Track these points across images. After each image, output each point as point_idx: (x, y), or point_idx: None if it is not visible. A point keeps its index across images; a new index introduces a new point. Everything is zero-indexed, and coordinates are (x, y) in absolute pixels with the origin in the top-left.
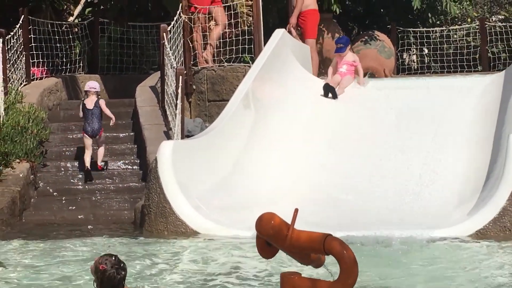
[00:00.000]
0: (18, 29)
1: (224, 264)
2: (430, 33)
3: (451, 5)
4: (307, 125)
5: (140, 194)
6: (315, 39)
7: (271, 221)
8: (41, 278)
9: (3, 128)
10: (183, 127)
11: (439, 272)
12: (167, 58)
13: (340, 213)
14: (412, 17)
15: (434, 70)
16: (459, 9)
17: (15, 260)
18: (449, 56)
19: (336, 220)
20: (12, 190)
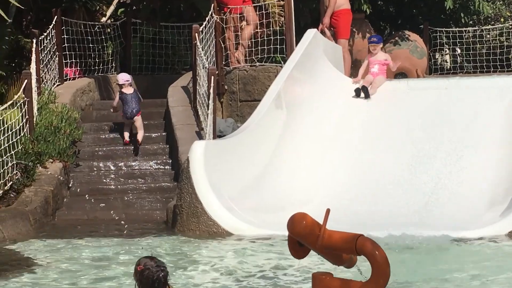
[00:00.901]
0: (51, 29)
1: (256, 264)
2: (462, 33)
3: (484, 5)
4: (338, 125)
5: (172, 194)
6: (347, 39)
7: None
8: (74, 277)
9: (36, 128)
10: (215, 127)
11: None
12: (199, 59)
13: (371, 213)
14: (445, 17)
15: (467, 70)
16: (492, 8)
17: (48, 259)
18: (482, 56)
19: (367, 220)
20: (45, 189)
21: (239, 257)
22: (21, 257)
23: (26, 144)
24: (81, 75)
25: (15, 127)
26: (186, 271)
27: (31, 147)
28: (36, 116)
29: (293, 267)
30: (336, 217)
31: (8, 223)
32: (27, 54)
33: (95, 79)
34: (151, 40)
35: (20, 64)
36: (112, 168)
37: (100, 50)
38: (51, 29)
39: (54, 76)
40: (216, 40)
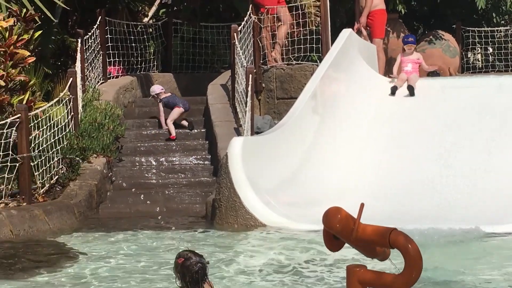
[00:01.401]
0: (96, 29)
1: (291, 257)
2: (494, 33)
3: None
4: (373, 122)
5: (211, 188)
6: (382, 39)
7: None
8: (116, 269)
9: (81, 124)
10: (253, 124)
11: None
12: (238, 57)
13: (404, 208)
14: (477, 17)
15: (498, 69)
16: None
17: (91, 251)
18: None
19: (401, 215)
20: (89, 183)
21: (276, 250)
22: (66, 249)
23: (71, 139)
24: (124, 74)
25: (61, 123)
26: (224, 263)
27: (76, 143)
28: (81, 113)
29: (328, 259)
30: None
31: (54, 216)
32: (72, 53)
33: (137, 77)
34: (191, 39)
35: (65, 63)
36: (154, 163)
37: (142, 49)
38: (95, 29)
39: (98, 74)
40: (254, 40)
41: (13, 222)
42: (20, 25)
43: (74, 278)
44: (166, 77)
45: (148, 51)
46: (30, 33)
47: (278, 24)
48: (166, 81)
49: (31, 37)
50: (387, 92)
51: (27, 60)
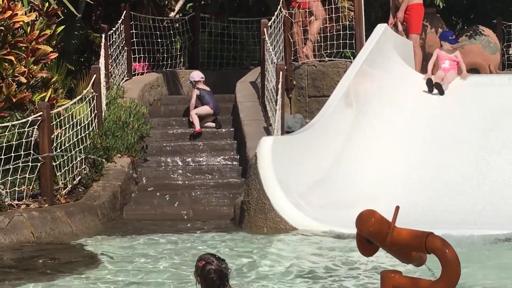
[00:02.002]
0: (120, 24)
1: (323, 262)
2: None
3: None
4: (408, 121)
5: (239, 190)
6: (419, 34)
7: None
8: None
9: (105, 123)
10: (283, 122)
11: None
12: (268, 54)
13: (440, 211)
14: None
15: None
16: None
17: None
18: None
19: (437, 218)
20: (113, 184)
21: (306, 254)
22: (88, 252)
23: (94, 138)
24: (150, 70)
25: (84, 121)
26: (252, 268)
27: (99, 142)
28: (104, 111)
29: (361, 264)
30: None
31: (77, 218)
32: (96, 49)
33: (163, 74)
34: (219, 35)
35: (89, 59)
36: (180, 164)
37: (169, 45)
38: (120, 24)
39: (123, 71)
40: (284, 35)
41: (34, 224)
42: (42, 20)
43: (96, 282)
44: None
45: (175, 47)
46: (52, 28)
47: (310, 19)
48: None
49: (53, 32)
50: (423, 90)
51: (49, 56)
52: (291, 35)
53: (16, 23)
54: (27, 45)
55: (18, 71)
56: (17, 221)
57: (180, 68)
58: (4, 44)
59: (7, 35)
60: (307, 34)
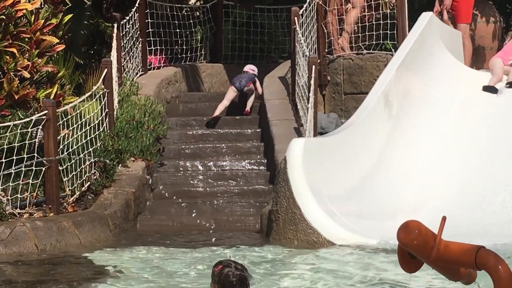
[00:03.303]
0: (134, 13)
1: (361, 279)
2: None
3: None
4: (456, 122)
5: (267, 198)
6: (469, 24)
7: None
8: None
9: (117, 122)
10: (316, 123)
11: None
12: (299, 46)
13: (494, 223)
14: None
15: None
16: None
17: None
18: None
19: (490, 230)
20: (126, 191)
21: (342, 271)
22: (98, 267)
23: (105, 140)
24: (167, 64)
25: (93, 121)
26: (281, 285)
27: (111, 144)
28: (116, 110)
29: (404, 281)
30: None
31: (85, 228)
32: (107, 40)
33: (182, 68)
34: (245, 24)
35: (99, 51)
36: (200, 168)
37: (188, 36)
38: (133, 13)
39: (137, 64)
40: (318, 25)
41: (39, 235)
42: (48, 8)
43: None
44: (215, 68)
45: (195, 38)
46: (59, 17)
47: (347, 7)
48: (215, 73)
49: (60, 22)
50: (474, 87)
51: (55, 48)
52: (325, 25)
53: (19, 11)
54: (31, 36)
55: (20, 65)
56: (19, 231)
57: (200, 62)
58: (6, 35)
59: (8, 24)
60: (343, 24)
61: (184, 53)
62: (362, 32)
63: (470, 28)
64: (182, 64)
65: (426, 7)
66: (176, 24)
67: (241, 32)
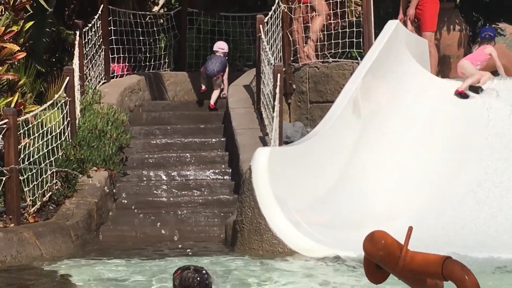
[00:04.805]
0: (97, 20)
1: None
2: None
3: None
4: (424, 130)
5: (231, 208)
6: (434, 32)
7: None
8: None
9: (79, 131)
10: (281, 132)
11: None
12: (264, 54)
13: (459, 232)
14: None
15: None
16: None
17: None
18: None
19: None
20: (89, 201)
21: (308, 282)
22: (60, 278)
23: (67, 149)
24: (130, 72)
25: (55, 130)
26: None
27: (73, 153)
28: (78, 118)
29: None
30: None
31: (47, 239)
32: (69, 48)
33: (146, 76)
34: (209, 32)
35: (61, 59)
36: (164, 178)
37: (152, 44)
38: (96, 20)
39: (100, 73)
40: (283, 33)
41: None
42: (9, 15)
43: None
44: (179, 76)
45: (159, 45)
46: (20, 24)
47: (312, 14)
48: (179, 81)
49: (21, 29)
50: (441, 95)
51: (16, 56)
52: (290, 33)
53: None
54: None
55: None
56: None
57: (164, 70)
58: None
59: None
60: (309, 32)
61: (147, 61)
62: (328, 40)
63: (436, 37)
64: (145, 72)
65: (392, 15)
66: (140, 31)
67: (206, 40)
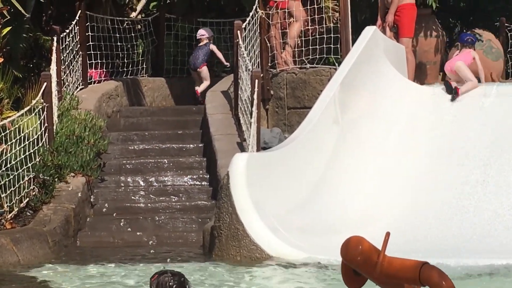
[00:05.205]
0: (74, 26)
1: None
2: None
3: None
4: (402, 136)
5: (209, 213)
6: (411, 38)
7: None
8: None
9: (56, 137)
10: (259, 137)
11: None
12: (242, 60)
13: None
14: None
15: None
16: None
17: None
18: None
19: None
20: (66, 207)
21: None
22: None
23: (44, 155)
24: (108, 78)
25: (32, 136)
26: None
27: (50, 159)
28: (56, 124)
29: None
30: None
31: (24, 245)
32: (46, 53)
33: (124, 82)
34: (187, 38)
35: (39, 65)
36: (142, 184)
37: (129, 50)
38: (74, 26)
39: (77, 78)
40: (261, 39)
41: None
42: None
43: None
44: (157, 82)
45: (136, 51)
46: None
47: (290, 20)
48: (157, 87)
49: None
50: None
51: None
52: (268, 39)
53: None
54: None
55: None
56: None
57: (142, 76)
58: None
59: None
60: (286, 38)
61: (125, 67)
62: (305, 46)
63: (413, 43)
64: (123, 78)
65: (370, 21)
66: (117, 37)
67: (183, 46)
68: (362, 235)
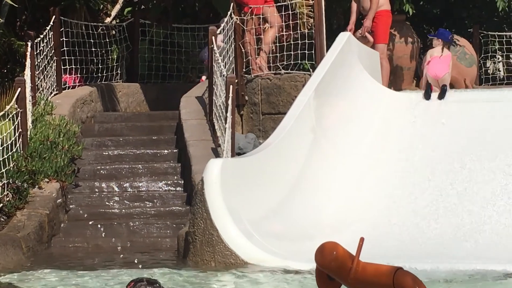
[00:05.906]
0: (49, 31)
1: None
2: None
3: None
4: (376, 142)
5: (184, 219)
6: (386, 44)
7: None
8: None
9: (30, 143)
10: (234, 143)
11: None
12: (216, 65)
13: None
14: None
15: None
16: None
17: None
18: None
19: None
20: (40, 213)
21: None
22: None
23: (18, 161)
24: (82, 83)
25: (6, 141)
26: None
27: (24, 165)
28: (30, 130)
29: None
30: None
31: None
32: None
33: (98, 87)
34: (162, 43)
35: (13, 70)
36: (116, 190)
37: (104, 55)
38: (48, 31)
39: (51, 84)
40: (235, 45)
41: None
42: None
43: None
44: (132, 88)
45: (111, 57)
46: None
47: (264, 26)
48: (131, 92)
49: None
50: (392, 107)
51: None
52: (242, 45)
53: None
54: None
55: None
56: None
57: (117, 81)
58: None
59: None
60: (261, 44)
61: (100, 72)
62: (280, 52)
63: (388, 48)
64: (97, 83)
65: (344, 27)
66: (92, 42)
67: (158, 51)
68: (337, 240)
